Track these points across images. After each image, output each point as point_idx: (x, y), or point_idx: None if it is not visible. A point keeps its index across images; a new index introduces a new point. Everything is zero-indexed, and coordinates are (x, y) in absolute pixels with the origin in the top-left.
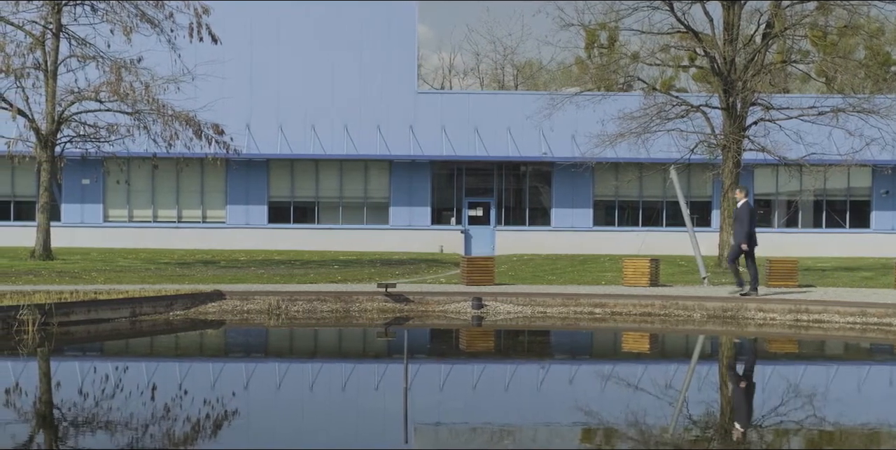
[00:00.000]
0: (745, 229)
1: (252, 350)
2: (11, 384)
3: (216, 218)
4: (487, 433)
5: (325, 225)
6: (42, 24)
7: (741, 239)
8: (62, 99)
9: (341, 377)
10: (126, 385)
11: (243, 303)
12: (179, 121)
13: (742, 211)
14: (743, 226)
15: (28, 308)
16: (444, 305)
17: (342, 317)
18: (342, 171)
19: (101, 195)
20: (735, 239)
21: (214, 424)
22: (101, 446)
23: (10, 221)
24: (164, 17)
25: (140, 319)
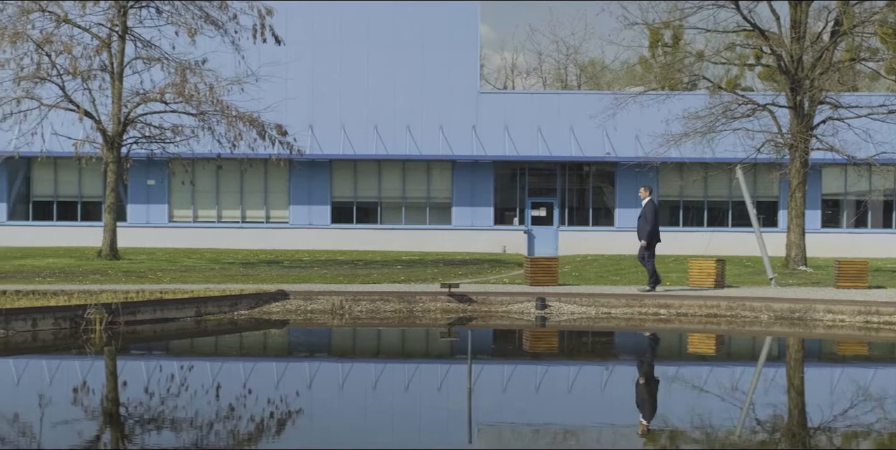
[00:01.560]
0: (650, 227)
1: (316, 350)
2: (79, 383)
3: (279, 218)
4: (551, 434)
5: (388, 225)
6: (108, 27)
7: (645, 237)
8: (128, 100)
9: (405, 377)
10: (191, 384)
11: (307, 303)
12: (243, 122)
13: (647, 209)
14: (647, 223)
15: (95, 307)
16: (508, 305)
17: (405, 317)
18: (405, 171)
19: (166, 196)
20: (640, 236)
21: (278, 423)
22: (167, 444)
23: (77, 221)
24: (228, 19)
25: (205, 318)
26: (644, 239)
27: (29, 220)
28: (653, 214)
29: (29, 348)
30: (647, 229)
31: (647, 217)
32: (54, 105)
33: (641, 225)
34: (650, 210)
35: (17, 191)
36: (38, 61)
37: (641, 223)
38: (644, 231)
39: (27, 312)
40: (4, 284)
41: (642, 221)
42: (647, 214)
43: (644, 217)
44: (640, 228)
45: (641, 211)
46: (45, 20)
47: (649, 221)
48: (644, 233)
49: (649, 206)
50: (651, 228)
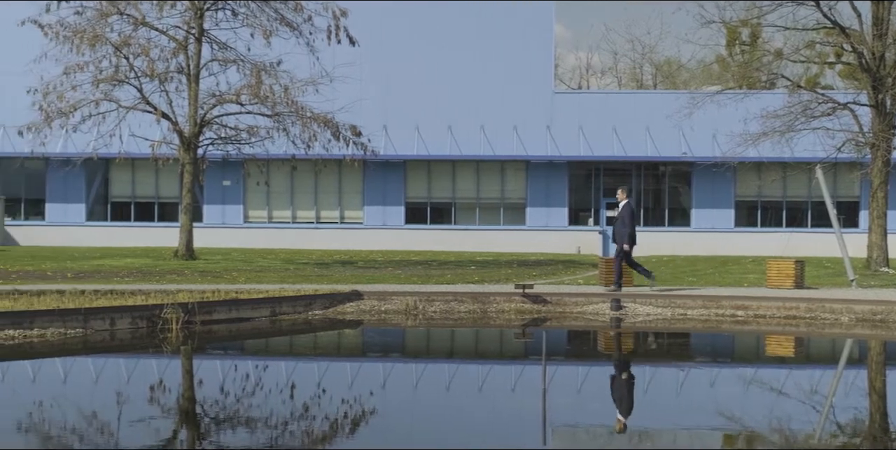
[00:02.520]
0: (628, 230)
1: (389, 350)
2: (156, 381)
3: (354, 219)
4: (625, 436)
5: (462, 226)
6: (185, 29)
7: (624, 239)
8: (204, 102)
9: (478, 378)
10: (266, 384)
11: (381, 303)
12: (318, 123)
13: (624, 211)
14: (625, 226)
15: (172, 307)
16: (583, 306)
17: (479, 318)
18: (479, 171)
19: (241, 196)
20: (618, 240)
21: (352, 423)
22: (243, 443)
23: (153, 221)
24: (303, 21)
25: (280, 318)
26: (626, 243)
27: (107, 220)
28: (630, 216)
29: (107, 347)
30: (625, 232)
31: (625, 220)
32: (132, 107)
33: (618, 228)
34: (627, 213)
35: (95, 192)
36: (116, 64)
37: (618, 226)
38: (623, 234)
39: (105, 311)
40: (83, 284)
41: (619, 224)
42: (625, 217)
43: (622, 220)
44: (616, 231)
45: (619, 213)
46: (124, 23)
47: (627, 224)
48: (624, 236)
49: (626, 208)
50: (630, 231)
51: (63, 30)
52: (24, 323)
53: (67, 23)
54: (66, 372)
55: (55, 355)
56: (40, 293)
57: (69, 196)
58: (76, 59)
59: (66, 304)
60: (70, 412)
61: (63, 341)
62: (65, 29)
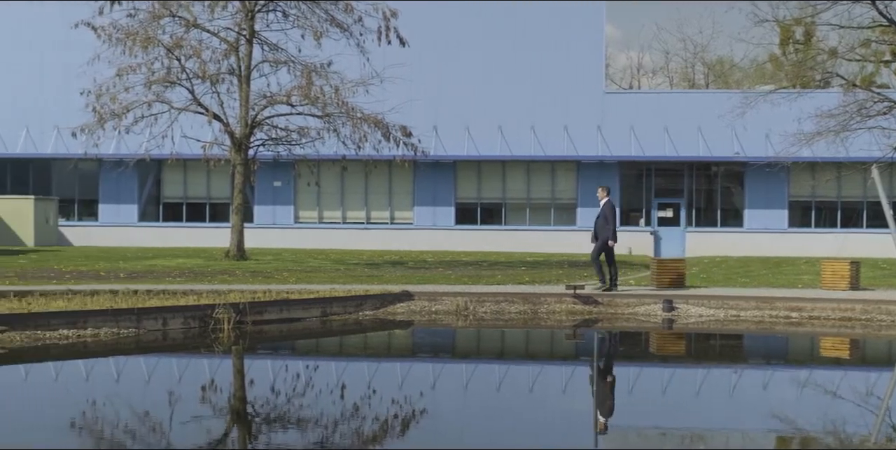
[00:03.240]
0: (612, 227)
1: (440, 351)
2: (207, 381)
3: (404, 219)
4: (677, 438)
5: (512, 226)
6: (236, 31)
7: (610, 236)
8: (255, 103)
9: (529, 379)
10: (316, 384)
11: (431, 303)
12: (368, 123)
13: (606, 209)
14: (609, 224)
15: (224, 307)
16: (634, 307)
17: (530, 318)
18: (529, 172)
19: (292, 197)
20: (600, 237)
21: (403, 423)
22: (294, 442)
23: (205, 222)
24: (353, 21)
25: (330, 318)
26: (611, 239)
27: (159, 221)
28: (612, 214)
29: (159, 347)
30: (610, 229)
31: (608, 218)
32: (184, 108)
33: (601, 225)
34: (610, 211)
35: (147, 193)
36: (168, 65)
37: (601, 223)
38: (607, 231)
39: (158, 311)
40: (136, 284)
41: (601, 222)
42: (608, 214)
43: (604, 217)
44: (598, 229)
45: (600, 211)
46: (175, 25)
47: (610, 221)
48: (608, 233)
49: (608, 206)
50: (613, 228)
51: (116, 32)
52: (78, 323)
53: (120, 25)
54: (119, 372)
55: (108, 355)
56: (94, 293)
57: (122, 197)
58: (129, 61)
59: (119, 304)
60: (123, 412)
61: (116, 341)
62: (117, 31)
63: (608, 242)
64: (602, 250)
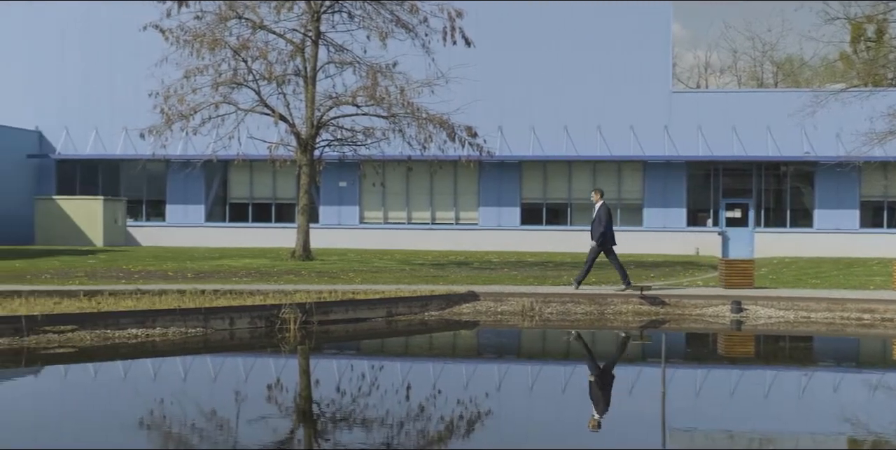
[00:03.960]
0: (603, 230)
1: (505, 351)
2: (273, 380)
3: (469, 220)
4: (745, 440)
5: (578, 227)
6: (302, 32)
7: (595, 237)
8: (321, 104)
9: (595, 380)
10: (382, 384)
11: (497, 304)
12: (433, 124)
13: (601, 212)
14: (601, 225)
15: (290, 307)
16: (702, 308)
17: (596, 319)
18: (595, 172)
19: (357, 197)
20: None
21: (468, 424)
22: (358, 442)
23: (271, 222)
24: (419, 22)
25: (396, 318)
26: (594, 239)
27: (225, 221)
28: (606, 216)
29: (226, 346)
30: (599, 231)
31: (602, 219)
32: (250, 109)
33: (595, 227)
34: (604, 213)
35: (214, 193)
36: (234, 67)
37: (595, 226)
38: (596, 233)
39: (225, 311)
40: (203, 284)
41: (596, 224)
42: (602, 216)
43: (598, 219)
44: (593, 230)
45: (595, 214)
46: (242, 27)
47: (603, 223)
48: (596, 234)
49: (603, 208)
50: (604, 230)
51: (183, 34)
52: (146, 322)
53: (187, 27)
54: (187, 371)
55: (176, 354)
56: (162, 293)
57: (189, 197)
58: (196, 62)
59: (187, 303)
60: (190, 410)
61: (184, 340)
62: (185, 33)
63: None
64: (610, 252)
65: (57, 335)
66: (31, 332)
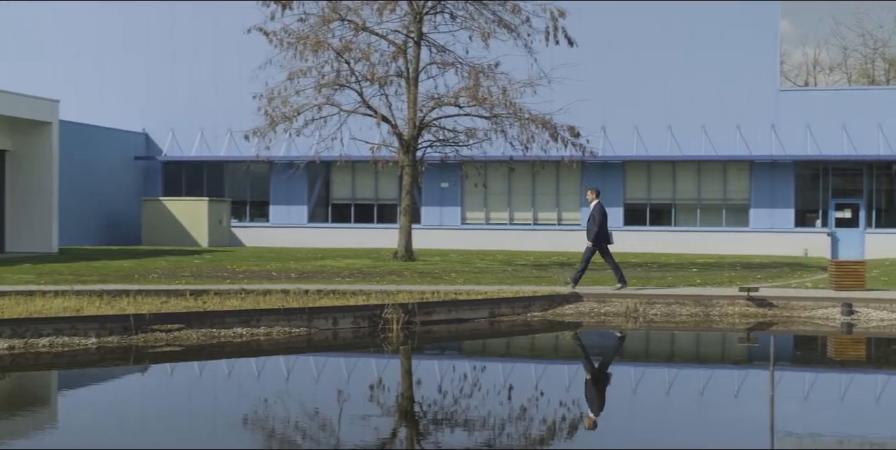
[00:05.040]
0: (597, 229)
1: (608, 353)
2: (376, 380)
3: (571, 220)
4: (855, 444)
5: (682, 227)
6: (404, 34)
7: (591, 238)
8: (423, 105)
9: (700, 382)
10: (483, 384)
11: (600, 305)
12: (536, 124)
13: (596, 211)
14: (595, 225)
15: (392, 307)
16: (811, 310)
17: (702, 321)
18: (700, 172)
19: (459, 198)
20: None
21: (570, 426)
22: (459, 443)
23: (372, 223)
24: (521, 22)
25: (498, 319)
26: (589, 238)
27: (328, 222)
28: (601, 216)
29: (330, 346)
30: (594, 231)
31: (596, 219)
32: (353, 111)
33: (590, 227)
34: (598, 212)
35: (317, 194)
36: (337, 69)
37: (590, 225)
38: (591, 232)
39: (328, 310)
40: (307, 284)
41: (591, 223)
42: (596, 215)
43: (592, 219)
44: (589, 230)
45: (590, 213)
46: (345, 29)
47: (597, 222)
48: (591, 234)
49: (598, 208)
50: (598, 230)
51: (287, 37)
52: (251, 321)
53: (291, 30)
54: (290, 370)
55: (280, 353)
56: (266, 293)
57: (292, 198)
58: (299, 64)
59: (291, 303)
60: (294, 409)
61: (288, 340)
62: (289, 36)
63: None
64: (605, 252)
65: (164, 334)
66: (140, 330)
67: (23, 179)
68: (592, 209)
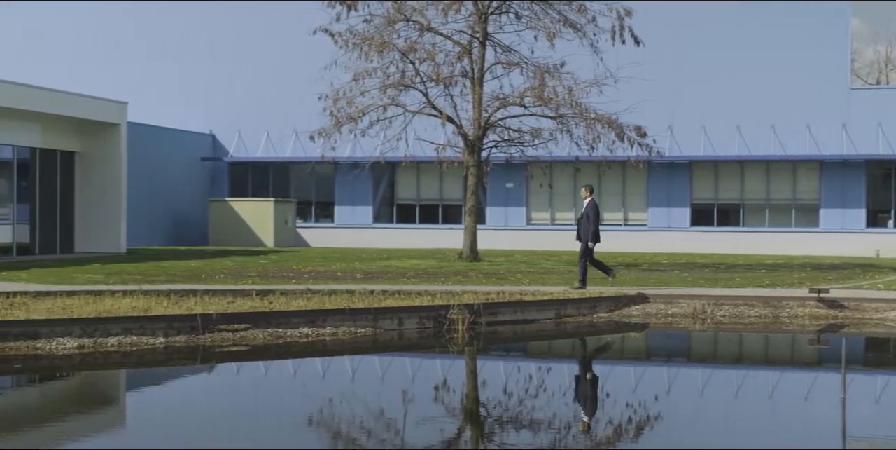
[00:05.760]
0: (593, 227)
1: (676, 354)
2: (441, 381)
3: (637, 221)
4: None
5: (751, 228)
6: (469, 34)
7: (589, 237)
8: (488, 105)
9: (769, 385)
10: (549, 385)
11: (667, 306)
12: (602, 124)
13: (589, 209)
14: (590, 224)
15: (458, 308)
16: (883, 312)
17: (771, 322)
18: (769, 172)
19: (524, 198)
20: (583, 237)
21: (636, 427)
22: (525, 444)
23: (437, 223)
24: (587, 21)
25: (564, 320)
26: (590, 240)
27: (393, 222)
28: (595, 214)
29: (395, 346)
30: (591, 230)
31: (590, 217)
32: (418, 111)
33: (584, 225)
34: (592, 210)
35: (382, 195)
36: (402, 69)
37: (584, 223)
38: (588, 232)
39: (394, 311)
40: (372, 284)
41: (584, 222)
42: (590, 213)
43: (587, 217)
44: (582, 229)
45: (584, 211)
46: (410, 29)
47: (592, 221)
48: (588, 233)
49: (591, 206)
50: (594, 228)
51: (352, 37)
52: (317, 321)
53: (356, 31)
54: (356, 370)
55: (346, 353)
56: (332, 293)
57: (357, 199)
58: (365, 65)
59: (356, 303)
60: (359, 409)
61: (353, 340)
62: (354, 37)
63: (588, 243)
64: (590, 251)
65: (231, 334)
66: (207, 330)
67: (92, 180)
68: (586, 207)
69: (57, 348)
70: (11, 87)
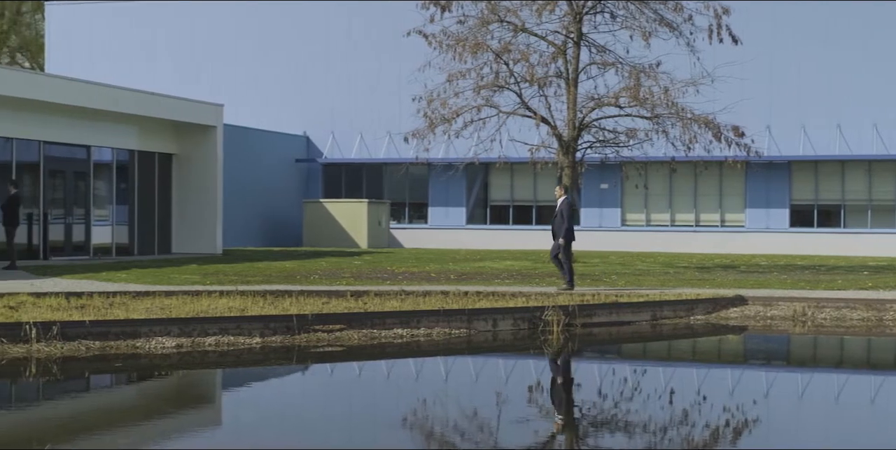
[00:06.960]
0: (566, 225)
1: (775, 357)
2: (535, 382)
3: (735, 222)
4: None
5: (852, 229)
6: (563, 34)
7: (562, 234)
8: (583, 106)
9: (871, 390)
10: (644, 388)
11: (766, 309)
12: (699, 124)
13: (563, 207)
14: (564, 221)
15: (553, 309)
16: None
17: (874, 326)
18: (871, 172)
19: (619, 199)
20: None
21: (734, 431)
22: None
23: (531, 224)
24: (683, 21)
25: (660, 322)
26: (563, 238)
27: (486, 223)
28: (569, 212)
29: (490, 348)
30: (564, 227)
31: (564, 215)
32: (512, 112)
33: (558, 223)
34: (566, 208)
35: (475, 196)
36: (496, 70)
37: (558, 221)
38: (561, 230)
39: (488, 312)
40: (466, 286)
41: (559, 220)
42: (564, 211)
43: (560, 215)
44: (556, 227)
45: (557, 209)
46: (503, 30)
47: (566, 218)
48: (561, 231)
49: (565, 204)
50: (569, 226)
51: (446, 39)
52: (411, 322)
53: (450, 32)
54: (450, 371)
55: (440, 354)
56: (425, 294)
57: (450, 200)
58: (458, 66)
59: (451, 305)
60: (453, 410)
61: (447, 341)
62: (448, 38)
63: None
64: (560, 250)
65: (326, 334)
66: (302, 330)
67: (189, 181)
68: (560, 205)
69: (156, 348)
70: (110, 91)
